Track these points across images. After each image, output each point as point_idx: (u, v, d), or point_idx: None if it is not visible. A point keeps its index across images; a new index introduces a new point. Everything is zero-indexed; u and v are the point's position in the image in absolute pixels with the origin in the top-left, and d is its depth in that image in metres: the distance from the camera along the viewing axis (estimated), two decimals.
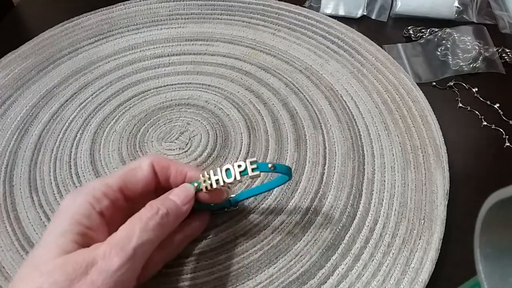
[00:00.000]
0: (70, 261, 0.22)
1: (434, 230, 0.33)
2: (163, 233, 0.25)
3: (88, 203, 0.25)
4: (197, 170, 0.29)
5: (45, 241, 0.23)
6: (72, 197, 0.25)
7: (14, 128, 0.41)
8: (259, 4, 0.52)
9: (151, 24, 0.51)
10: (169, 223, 0.26)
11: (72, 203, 0.25)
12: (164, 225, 0.25)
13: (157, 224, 0.24)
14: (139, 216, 0.25)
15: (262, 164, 0.27)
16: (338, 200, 0.35)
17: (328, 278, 0.31)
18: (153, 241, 0.24)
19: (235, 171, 0.27)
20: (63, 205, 0.25)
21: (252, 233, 0.33)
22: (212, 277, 0.31)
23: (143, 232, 0.24)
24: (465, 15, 0.50)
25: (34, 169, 0.38)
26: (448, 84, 0.44)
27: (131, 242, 0.23)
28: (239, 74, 0.45)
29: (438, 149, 0.38)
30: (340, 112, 0.41)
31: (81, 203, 0.25)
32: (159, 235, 0.25)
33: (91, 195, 0.25)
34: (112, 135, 0.40)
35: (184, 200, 0.27)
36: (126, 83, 0.45)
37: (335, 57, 0.46)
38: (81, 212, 0.24)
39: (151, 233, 0.24)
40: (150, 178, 0.27)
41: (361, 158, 0.38)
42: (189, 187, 0.28)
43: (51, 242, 0.23)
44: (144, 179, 0.27)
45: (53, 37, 0.50)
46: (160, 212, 0.25)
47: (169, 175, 0.28)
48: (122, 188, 0.26)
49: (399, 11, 0.50)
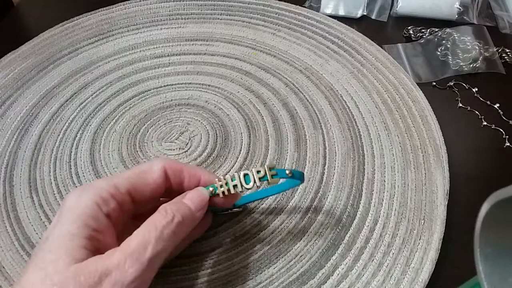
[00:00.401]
0: (82, 270, 0.21)
1: (434, 230, 0.33)
2: (177, 241, 0.25)
3: (95, 203, 0.24)
4: (211, 174, 0.28)
5: (53, 245, 0.22)
6: (77, 196, 0.24)
7: (14, 128, 0.41)
8: (259, 4, 0.52)
9: (151, 24, 0.51)
10: (183, 231, 0.25)
11: (77, 203, 0.24)
12: (178, 233, 0.24)
13: (172, 233, 0.24)
14: (153, 222, 0.24)
15: (280, 171, 0.27)
16: (338, 200, 0.35)
17: (328, 278, 0.31)
18: (167, 250, 0.24)
19: (254, 177, 0.27)
20: (68, 204, 0.24)
21: (252, 233, 0.33)
22: (212, 277, 0.31)
23: (158, 241, 0.23)
24: (465, 16, 0.50)
25: (34, 169, 0.38)
26: (448, 84, 0.44)
27: (146, 252, 0.22)
28: (239, 74, 0.45)
29: (438, 149, 0.38)
30: (340, 112, 0.41)
31: (88, 204, 0.24)
32: (172, 244, 0.24)
33: (98, 196, 0.24)
34: (112, 135, 0.40)
35: (198, 206, 0.26)
36: (126, 83, 0.45)
37: (335, 57, 0.46)
38: (87, 213, 0.23)
39: (166, 243, 0.23)
40: (161, 182, 0.27)
41: (361, 158, 0.38)
42: (204, 191, 0.27)
43: (60, 248, 0.22)
44: (154, 184, 0.26)
45: (53, 37, 0.50)
46: (175, 220, 0.24)
47: (182, 179, 0.27)
48: (130, 191, 0.25)
49: (400, 11, 0.50)
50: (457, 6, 0.49)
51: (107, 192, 0.24)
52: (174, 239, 0.24)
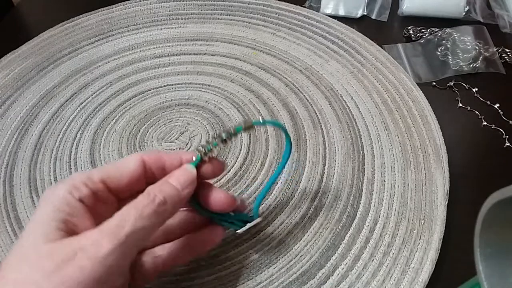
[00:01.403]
0: (57, 248, 0.22)
1: (434, 230, 0.33)
2: (160, 220, 0.24)
3: (67, 191, 0.24)
4: (191, 152, 0.28)
5: (29, 230, 0.23)
6: (52, 188, 0.25)
7: (14, 128, 0.41)
8: (259, 4, 0.52)
9: (151, 24, 0.51)
10: (167, 211, 0.25)
11: (51, 193, 0.25)
12: (161, 213, 0.24)
13: (153, 212, 0.23)
14: (134, 203, 0.24)
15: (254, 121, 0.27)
16: (338, 200, 0.35)
17: (328, 278, 0.31)
18: (148, 229, 0.24)
19: (231, 130, 0.27)
20: (43, 196, 0.25)
21: (252, 233, 0.33)
22: (212, 277, 0.31)
23: (138, 219, 0.23)
24: (471, 14, 0.49)
25: (34, 169, 0.38)
26: (448, 84, 0.44)
27: (123, 229, 0.22)
28: (239, 74, 0.45)
29: (438, 149, 0.38)
30: (340, 112, 0.41)
31: (60, 192, 0.24)
32: (155, 223, 0.24)
33: (69, 184, 0.25)
34: (112, 135, 0.40)
35: (184, 184, 0.25)
36: (126, 83, 0.45)
37: (335, 57, 0.46)
38: (60, 200, 0.24)
39: (146, 221, 0.23)
40: (138, 172, 0.26)
41: (361, 158, 0.38)
42: (188, 167, 0.26)
43: (35, 231, 0.23)
44: (129, 172, 0.26)
45: (53, 37, 0.50)
46: (156, 200, 0.24)
47: (163, 164, 0.27)
48: (104, 179, 0.26)
49: (407, 11, 0.50)
50: (464, 4, 0.49)
51: (79, 180, 0.25)
52: (157, 218, 0.24)
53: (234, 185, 0.36)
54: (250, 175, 0.37)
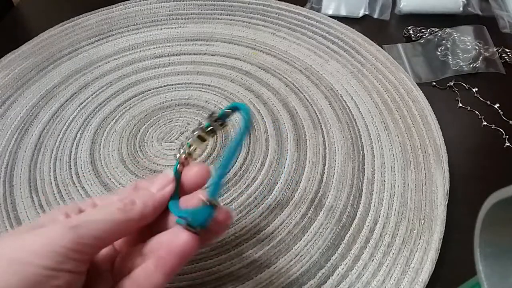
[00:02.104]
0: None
1: (434, 230, 0.33)
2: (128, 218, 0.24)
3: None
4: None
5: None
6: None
7: (14, 128, 0.41)
8: (259, 4, 0.52)
9: (151, 24, 0.51)
10: (134, 210, 0.24)
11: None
12: (127, 211, 0.23)
13: (116, 209, 0.23)
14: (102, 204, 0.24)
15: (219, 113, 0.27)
16: (338, 200, 0.35)
17: (328, 278, 0.31)
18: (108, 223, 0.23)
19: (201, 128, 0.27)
20: None
21: (252, 233, 0.33)
22: (212, 277, 0.31)
23: (98, 212, 0.23)
24: (470, 8, 0.49)
25: (34, 169, 0.38)
26: (448, 84, 0.44)
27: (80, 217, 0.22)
28: (239, 74, 0.45)
29: (438, 149, 0.38)
30: (340, 112, 0.41)
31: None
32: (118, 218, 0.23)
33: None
34: (112, 135, 0.40)
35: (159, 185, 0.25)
36: (126, 83, 0.45)
37: (335, 57, 0.46)
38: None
39: (108, 215, 0.23)
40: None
41: (361, 158, 0.38)
42: (167, 171, 0.26)
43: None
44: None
45: (53, 37, 0.50)
46: (125, 200, 0.24)
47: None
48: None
49: (404, 9, 0.50)
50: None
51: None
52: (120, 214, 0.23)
53: (234, 185, 0.36)
54: (250, 175, 0.37)
